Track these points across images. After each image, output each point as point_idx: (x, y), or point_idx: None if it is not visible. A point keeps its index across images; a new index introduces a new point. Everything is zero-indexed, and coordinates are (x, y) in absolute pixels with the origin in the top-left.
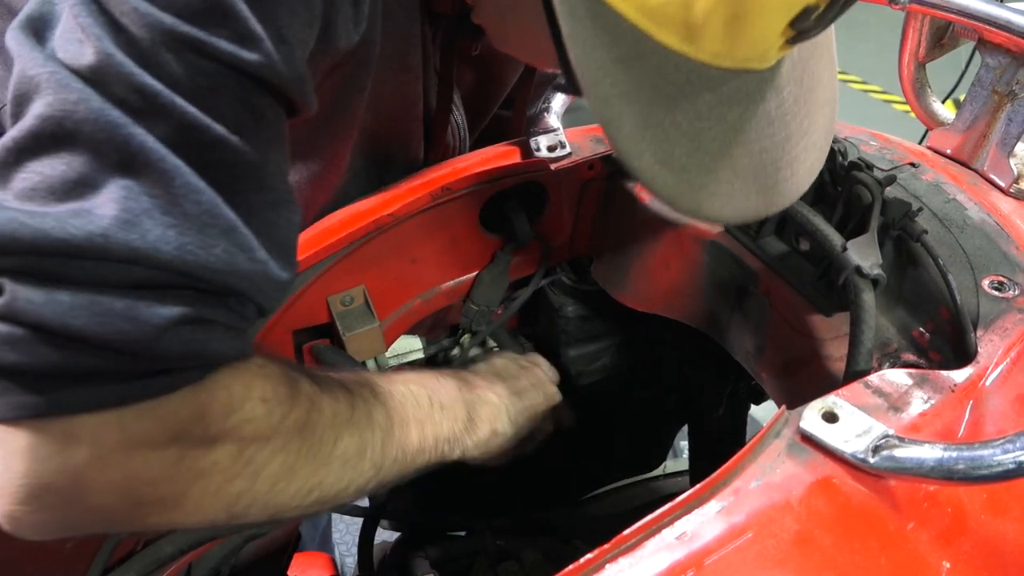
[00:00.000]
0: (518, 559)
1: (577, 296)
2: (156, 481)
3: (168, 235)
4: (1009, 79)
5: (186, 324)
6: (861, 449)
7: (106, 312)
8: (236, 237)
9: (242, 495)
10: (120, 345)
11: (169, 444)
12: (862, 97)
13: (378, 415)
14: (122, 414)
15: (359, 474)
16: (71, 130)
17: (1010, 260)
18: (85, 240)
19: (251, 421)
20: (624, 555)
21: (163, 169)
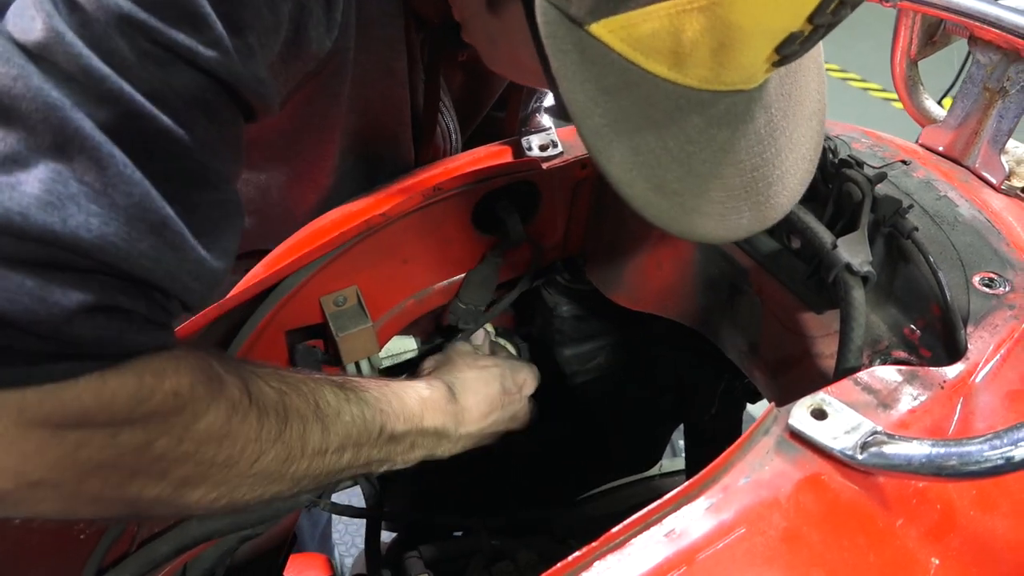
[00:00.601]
0: (513, 559)
1: (572, 296)
2: (53, 467)
3: (91, 223)
4: (1000, 76)
5: (100, 311)
6: (850, 446)
7: (15, 289)
8: (166, 233)
9: (145, 492)
10: (27, 324)
11: (70, 429)
12: (861, 95)
13: (313, 438)
14: (23, 394)
15: (275, 489)
16: (7, 106)
17: (1001, 257)
18: (2, 215)
19: (160, 415)
20: (612, 552)
21: (97, 156)
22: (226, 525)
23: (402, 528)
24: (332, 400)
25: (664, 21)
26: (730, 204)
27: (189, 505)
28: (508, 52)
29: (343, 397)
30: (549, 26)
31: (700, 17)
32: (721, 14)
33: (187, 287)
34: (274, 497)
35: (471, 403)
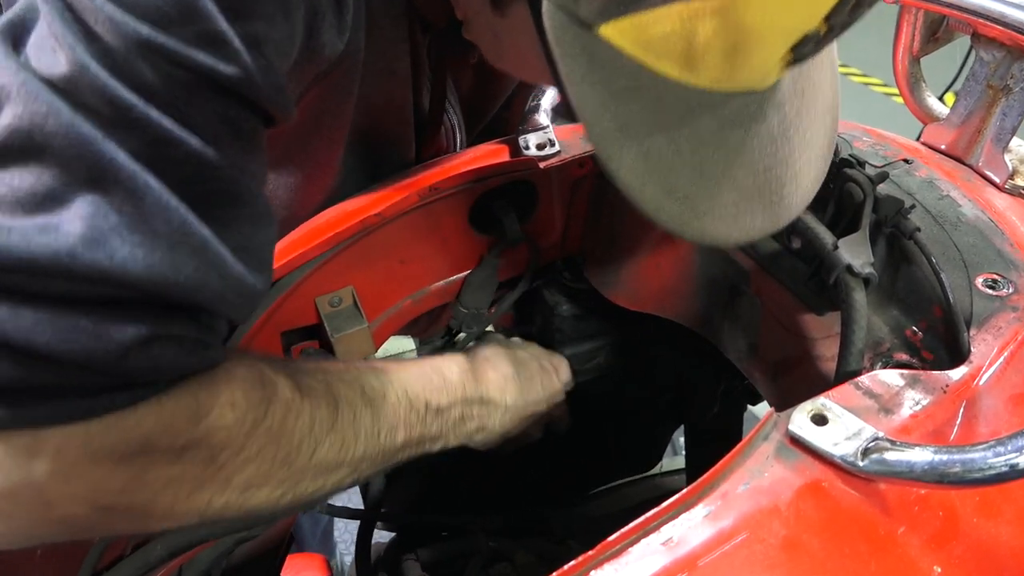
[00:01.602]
0: (511, 560)
1: (572, 295)
2: (123, 491)
3: (136, 254)
4: (1004, 73)
5: (155, 341)
6: (850, 452)
7: (71, 329)
8: (207, 255)
9: (213, 501)
10: (85, 362)
11: (135, 455)
12: (862, 90)
13: (364, 421)
14: (87, 427)
15: (335, 477)
16: (40, 143)
17: (1004, 258)
18: (51, 258)
19: (221, 429)
20: (609, 561)
21: (133, 187)
22: (222, 527)
23: (399, 529)
24: (376, 384)
25: (676, 23)
26: (743, 205)
27: (256, 507)
28: (514, 51)
29: (386, 380)
30: (556, 30)
31: (713, 19)
32: (735, 17)
33: (233, 305)
34: (335, 486)
35: (510, 372)
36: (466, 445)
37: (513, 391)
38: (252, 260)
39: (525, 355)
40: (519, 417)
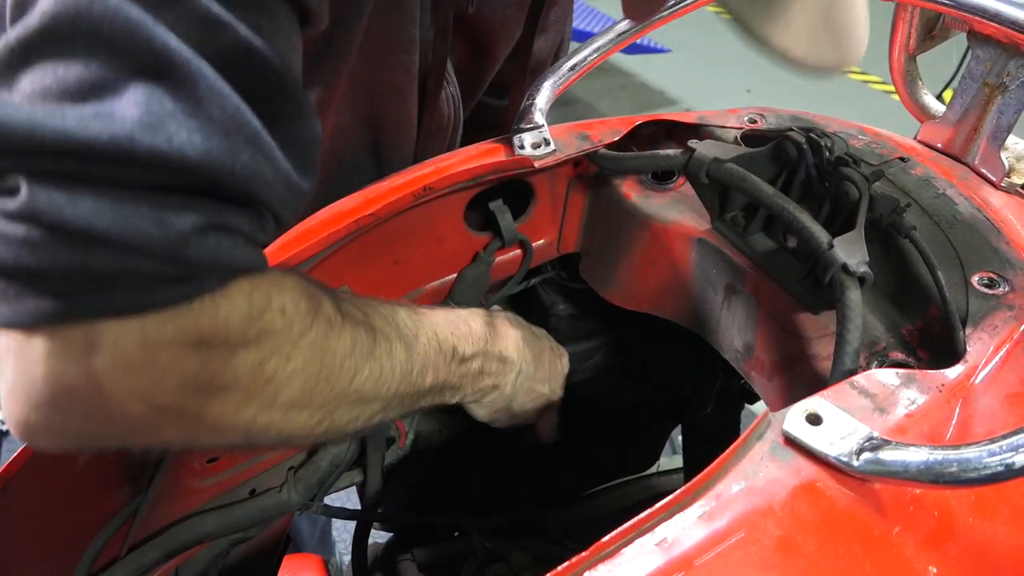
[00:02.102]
0: (507, 561)
1: (568, 295)
2: (179, 389)
3: (195, 139)
4: (1000, 71)
5: (212, 231)
6: (845, 452)
7: (131, 214)
8: (260, 145)
9: (259, 417)
10: (146, 248)
11: (191, 352)
12: (861, 87)
13: (399, 355)
14: (144, 320)
15: (369, 410)
16: (86, 29)
17: (1000, 256)
18: (109, 142)
19: (271, 333)
20: (603, 562)
21: (187, 72)
22: (217, 529)
23: (397, 530)
24: (409, 323)
25: None
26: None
27: (296, 431)
28: None
29: (417, 320)
30: None
31: None
32: None
33: (283, 199)
34: (367, 421)
35: (528, 337)
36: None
37: (529, 356)
38: (299, 157)
39: (539, 332)
40: (527, 387)
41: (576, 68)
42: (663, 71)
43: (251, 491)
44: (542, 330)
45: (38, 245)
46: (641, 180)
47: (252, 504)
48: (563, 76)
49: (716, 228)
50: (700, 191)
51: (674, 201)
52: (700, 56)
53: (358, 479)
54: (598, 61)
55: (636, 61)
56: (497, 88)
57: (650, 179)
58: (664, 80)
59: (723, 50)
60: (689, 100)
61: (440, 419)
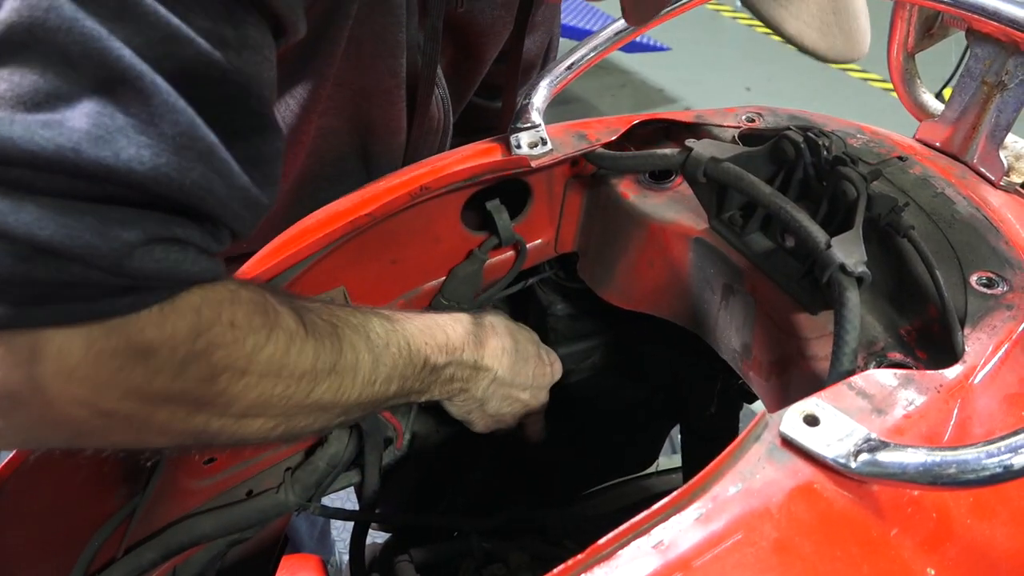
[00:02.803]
0: (505, 562)
1: (566, 294)
2: (124, 398)
3: (143, 155)
4: (998, 69)
5: (158, 242)
6: (843, 454)
7: (75, 225)
8: (214, 161)
9: (210, 423)
10: (89, 259)
11: (137, 362)
12: (861, 85)
13: (364, 367)
14: (89, 330)
15: (326, 417)
16: (41, 39)
17: (999, 255)
18: (55, 153)
19: (220, 347)
20: (599, 565)
21: (141, 86)
22: (214, 530)
23: (394, 529)
24: (381, 332)
25: None
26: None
27: (250, 435)
28: None
29: (390, 329)
30: None
31: None
32: None
33: (237, 214)
34: (324, 426)
35: (510, 346)
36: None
37: (507, 364)
38: (258, 172)
39: (527, 337)
40: (502, 394)
41: (574, 67)
42: (663, 69)
43: (248, 492)
44: (534, 335)
45: None
46: (638, 179)
47: (249, 505)
48: (560, 75)
49: (714, 228)
50: (697, 190)
51: (672, 200)
52: (699, 54)
53: (356, 479)
54: (596, 60)
55: (635, 59)
56: (487, 89)
57: (647, 178)
58: (664, 78)
59: (723, 48)
60: (689, 98)
61: (437, 419)
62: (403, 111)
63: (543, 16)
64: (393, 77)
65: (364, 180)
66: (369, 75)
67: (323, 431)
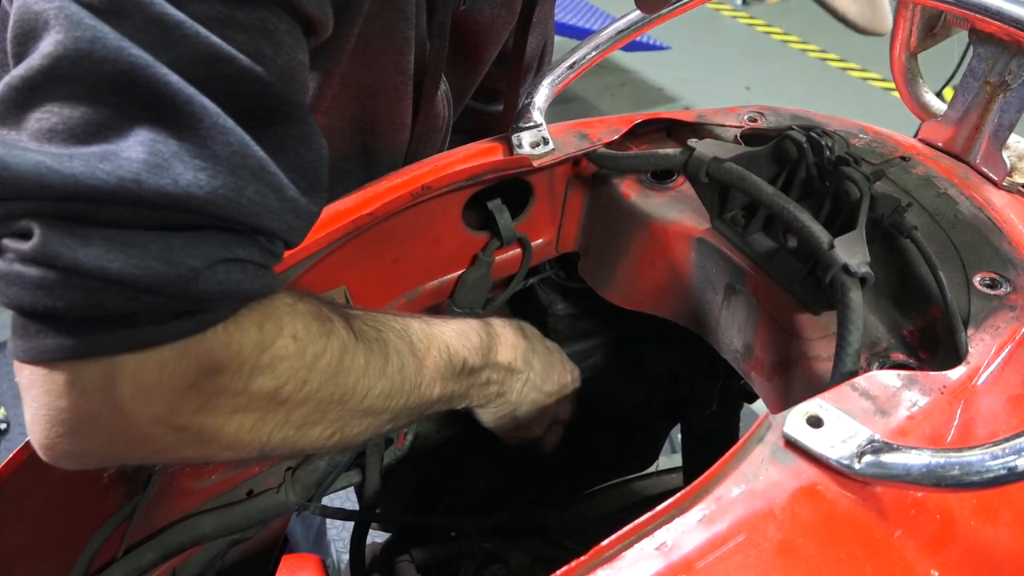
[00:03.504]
0: (505, 562)
1: (567, 294)
2: (197, 413)
3: (200, 179)
4: (1001, 69)
5: (221, 264)
6: (846, 455)
7: (142, 255)
8: (266, 177)
9: (273, 435)
10: (157, 287)
11: (208, 379)
12: (861, 85)
13: (410, 371)
14: (160, 352)
15: (378, 423)
16: (88, 69)
17: (1002, 256)
18: (117, 186)
19: (284, 359)
20: (602, 567)
21: (191, 110)
22: (214, 530)
23: (394, 529)
24: (422, 337)
25: None
26: None
27: (308, 444)
28: None
29: (429, 333)
30: None
31: None
32: None
33: (291, 226)
34: (375, 431)
35: (539, 348)
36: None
37: (538, 368)
38: (305, 181)
39: (552, 345)
40: (533, 397)
41: (575, 66)
42: (662, 68)
43: (248, 492)
44: (556, 345)
45: (53, 287)
46: (640, 179)
47: (250, 505)
48: (562, 74)
49: (716, 228)
50: (700, 190)
51: (673, 200)
52: (699, 53)
53: (356, 479)
54: (597, 59)
55: (635, 58)
56: (485, 93)
57: (649, 178)
58: (663, 78)
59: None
60: (688, 98)
61: (438, 420)
62: (408, 108)
63: (539, 16)
64: (400, 74)
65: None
66: (376, 73)
67: (374, 438)
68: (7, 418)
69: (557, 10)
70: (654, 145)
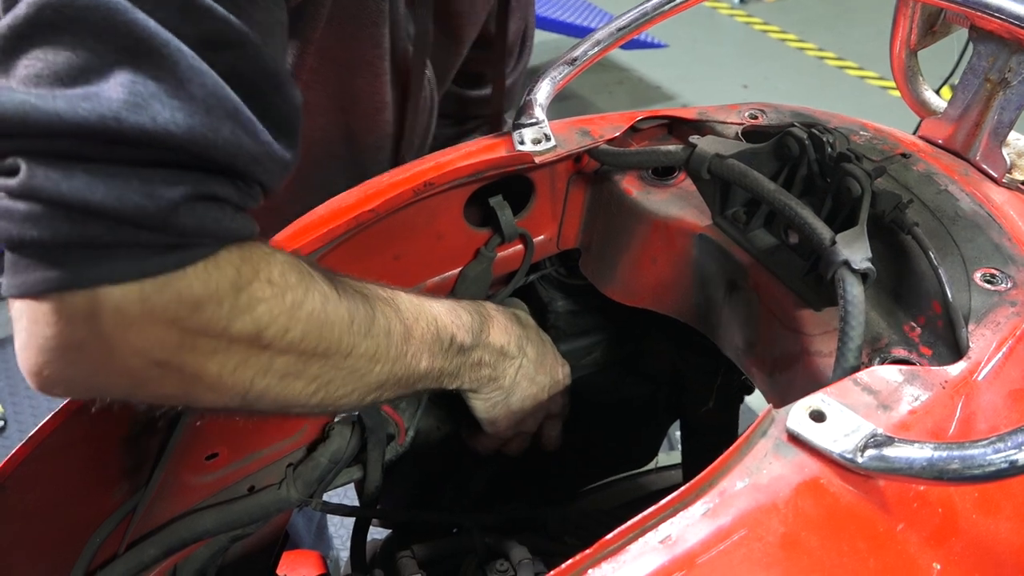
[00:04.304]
0: (507, 557)
1: (567, 291)
2: (179, 349)
3: (177, 117)
4: (1002, 67)
5: (200, 200)
6: (849, 449)
7: (123, 187)
8: (240, 119)
9: (255, 382)
10: (138, 219)
11: (187, 316)
12: (858, 83)
13: (396, 336)
14: (142, 286)
15: (363, 388)
16: (71, 17)
17: (1002, 252)
18: (98, 122)
19: (261, 301)
20: (606, 560)
21: (167, 52)
22: (216, 526)
23: (395, 526)
24: (409, 306)
25: None
26: None
27: (292, 399)
28: None
29: (418, 304)
30: None
31: None
32: None
33: (267, 169)
34: (358, 400)
35: (532, 336)
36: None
37: (531, 355)
38: (279, 129)
39: (545, 337)
40: (526, 385)
41: (576, 63)
42: (660, 66)
43: (250, 488)
44: (548, 338)
45: (40, 219)
46: (642, 176)
47: (251, 501)
48: (563, 71)
49: (717, 224)
50: (701, 187)
51: (675, 197)
52: (697, 51)
53: (357, 475)
54: (598, 56)
55: (633, 56)
56: (468, 77)
57: (651, 175)
58: (661, 76)
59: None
60: (686, 95)
61: (440, 416)
62: (387, 85)
63: (518, 1)
64: (376, 47)
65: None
66: (352, 46)
67: (359, 406)
68: (4, 415)
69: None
70: (655, 142)
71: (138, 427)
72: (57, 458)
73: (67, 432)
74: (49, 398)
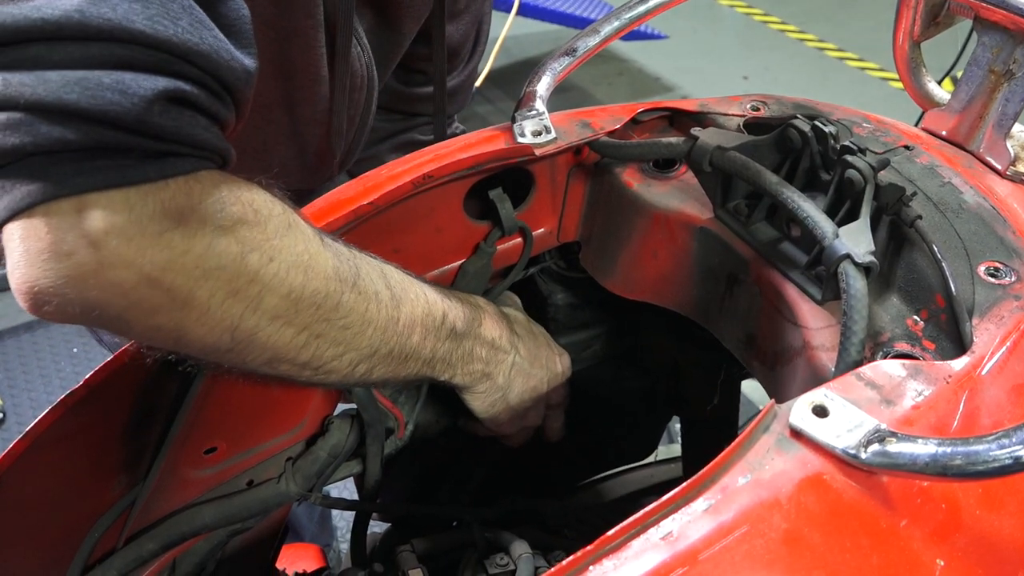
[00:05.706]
0: (507, 551)
1: (566, 284)
2: (168, 266)
3: (135, 8)
4: (1006, 58)
5: (173, 102)
6: (852, 444)
7: (96, 86)
8: (196, 14)
9: (245, 319)
10: (113, 118)
11: (173, 229)
12: (859, 75)
13: (385, 298)
14: (127, 194)
15: (355, 349)
16: None
17: (1007, 245)
18: (63, 17)
19: (245, 224)
20: (608, 556)
21: None
22: (215, 520)
23: (395, 519)
24: (398, 277)
25: None
26: None
27: (281, 347)
28: None
29: (407, 277)
30: None
31: None
32: None
33: (230, 66)
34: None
35: (524, 332)
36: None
37: (524, 351)
38: (232, 35)
39: (538, 329)
40: (522, 382)
41: (576, 54)
42: (660, 58)
43: (249, 482)
44: (542, 329)
45: (19, 124)
46: (642, 168)
47: (250, 495)
48: (563, 63)
49: (719, 217)
50: (703, 179)
51: (676, 189)
52: (697, 43)
53: (357, 469)
54: (598, 48)
55: (632, 47)
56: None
57: (652, 167)
58: (661, 67)
59: (720, 37)
60: (685, 87)
61: (439, 410)
62: (322, 57)
63: (467, 3)
64: (309, 18)
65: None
66: (287, 13)
67: (350, 376)
68: (3, 408)
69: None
70: (656, 134)
71: (138, 415)
72: (56, 452)
73: (66, 425)
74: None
